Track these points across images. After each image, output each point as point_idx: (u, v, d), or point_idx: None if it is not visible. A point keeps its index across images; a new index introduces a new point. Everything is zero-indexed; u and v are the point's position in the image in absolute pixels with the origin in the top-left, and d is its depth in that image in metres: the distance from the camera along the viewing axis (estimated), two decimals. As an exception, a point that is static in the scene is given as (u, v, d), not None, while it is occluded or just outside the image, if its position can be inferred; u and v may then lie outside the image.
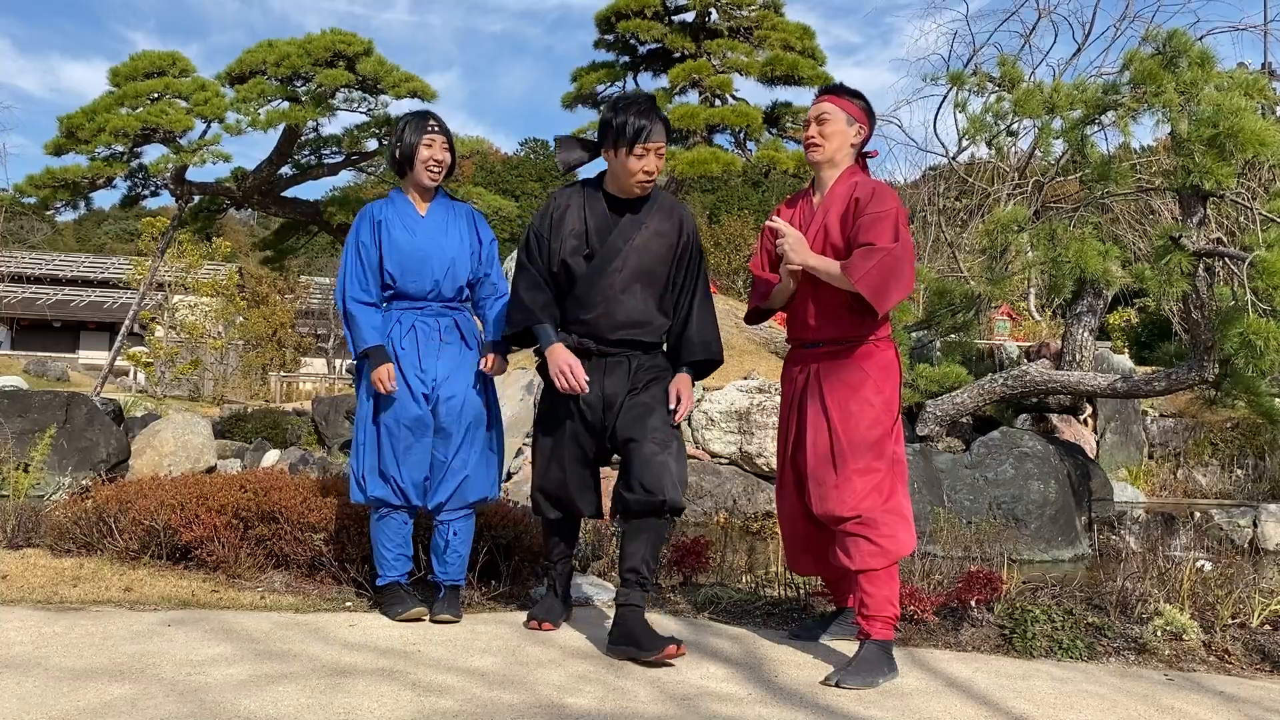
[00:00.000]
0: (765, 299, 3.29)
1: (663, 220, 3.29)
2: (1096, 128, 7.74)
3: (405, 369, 3.44)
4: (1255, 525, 7.59)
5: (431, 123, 3.58)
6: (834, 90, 3.25)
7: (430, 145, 3.55)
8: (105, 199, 65.88)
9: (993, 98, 8.61)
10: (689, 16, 16.07)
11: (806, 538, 3.23)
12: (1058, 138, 7.94)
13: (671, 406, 3.25)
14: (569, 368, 3.15)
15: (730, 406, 8.84)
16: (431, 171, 3.57)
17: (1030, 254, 7.93)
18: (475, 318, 3.71)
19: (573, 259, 3.25)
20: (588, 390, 3.16)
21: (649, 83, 16.68)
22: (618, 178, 3.22)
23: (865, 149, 3.26)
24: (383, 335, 3.46)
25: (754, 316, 3.44)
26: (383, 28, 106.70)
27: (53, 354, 26.85)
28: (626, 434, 3.17)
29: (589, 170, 3.54)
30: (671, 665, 2.95)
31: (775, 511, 3.53)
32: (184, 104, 15.21)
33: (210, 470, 9.33)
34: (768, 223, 3.23)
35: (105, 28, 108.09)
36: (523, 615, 3.52)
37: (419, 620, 3.40)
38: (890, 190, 3.18)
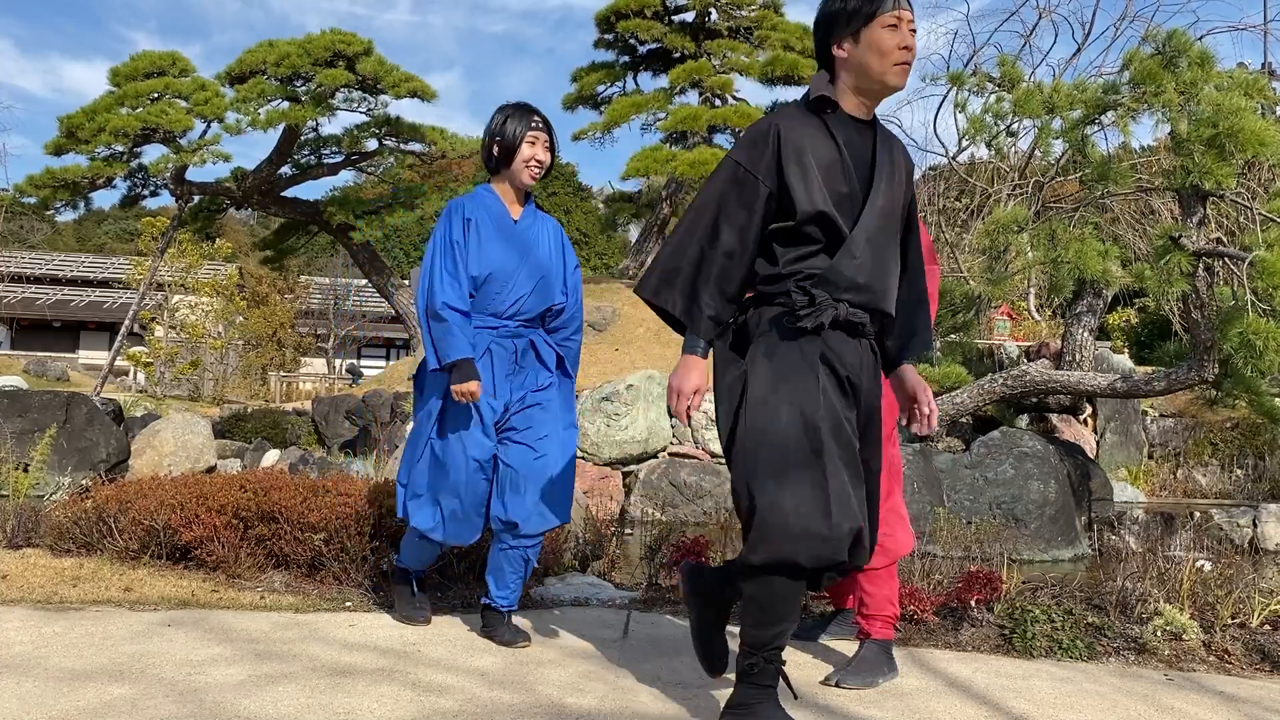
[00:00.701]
0: None
1: (895, 148, 2.47)
2: (1096, 128, 7.74)
3: (480, 407, 3.11)
4: (1255, 525, 7.60)
5: (536, 119, 3.26)
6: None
7: (534, 143, 3.23)
8: (105, 199, 65.97)
9: (993, 98, 8.62)
10: (689, 16, 16.10)
11: None
12: (1058, 138, 7.95)
13: (926, 411, 2.53)
14: (697, 399, 2.34)
15: (730, 406, 8.85)
16: (533, 171, 3.24)
17: (1030, 254, 7.93)
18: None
19: (834, 204, 2.32)
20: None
21: (649, 83, 16.71)
22: (866, 72, 2.32)
23: None
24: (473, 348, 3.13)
25: None
26: (384, 28, 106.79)
27: (53, 354, 26.87)
28: (861, 455, 2.39)
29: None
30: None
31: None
32: (184, 104, 15.25)
33: (210, 470, 9.33)
34: None
35: (106, 28, 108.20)
36: (523, 615, 3.52)
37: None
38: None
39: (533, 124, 3.23)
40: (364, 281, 25.32)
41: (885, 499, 3.01)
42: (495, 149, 3.24)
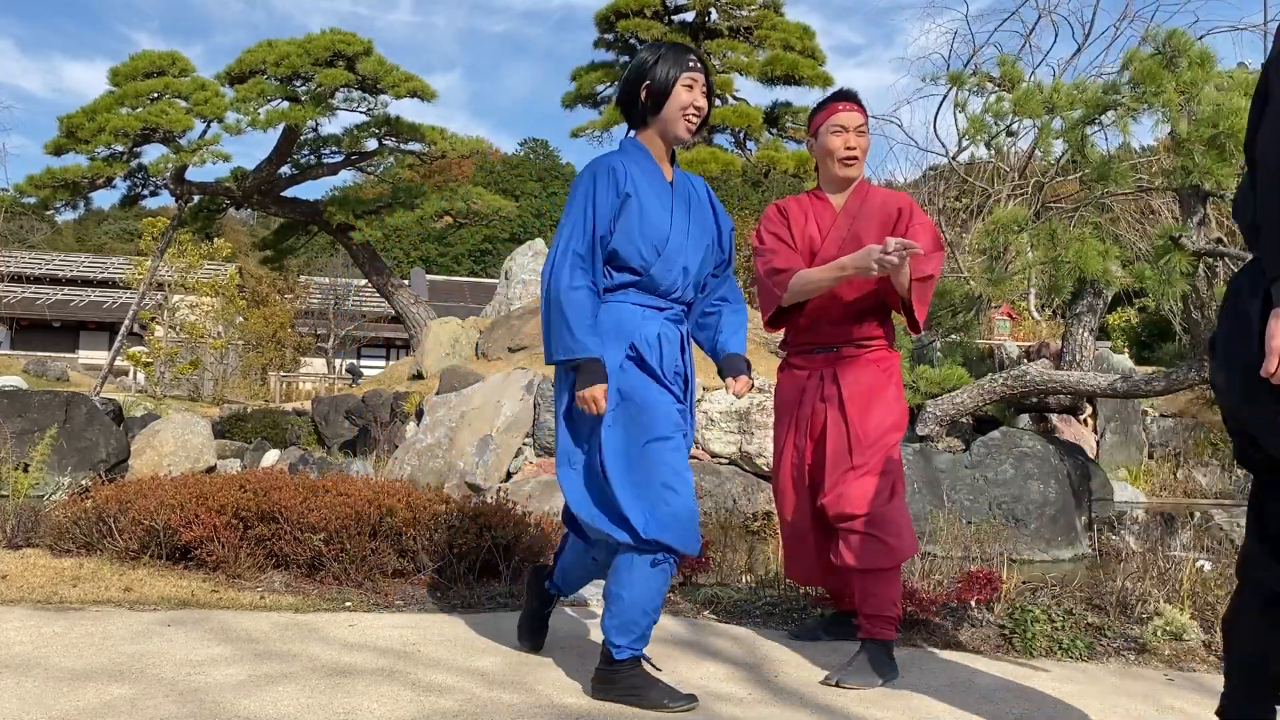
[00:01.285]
0: (784, 289, 3.06)
1: None
2: (1096, 128, 7.74)
3: (664, 391, 2.68)
4: (1255, 525, 7.58)
5: (692, 58, 2.75)
6: (858, 100, 3.19)
7: (691, 86, 2.71)
8: (105, 199, 65.94)
9: (993, 98, 8.62)
10: (689, 16, 16.12)
11: (816, 547, 3.22)
12: (1058, 138, 7.94)
13: None
14: None
15: (730, 406, 8.84)
16: (690, 121, 2.75)
17: (1030, 254, 7.93)
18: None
19: None
20: None
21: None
22: None
23: None
24: (601, 343, 2.61)
25: (778, 317, 3.18)
26: (386, 28, 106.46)
27: (52, 354, 26.84)
28: None
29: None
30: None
31: (775, 512, 3.50)
32: (184, 104, 15.25)
33: (210, 470, 9.33)
34: (895, 241, 2.79)
35: (108, 28, 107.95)
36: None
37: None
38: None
39: (689, 64, 2.74)
40: (364, 281, 25.31)
41: (893, 497, 3.02)
42: (643, 95, 2.74)
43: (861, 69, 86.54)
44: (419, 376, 12.51)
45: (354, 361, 29.74)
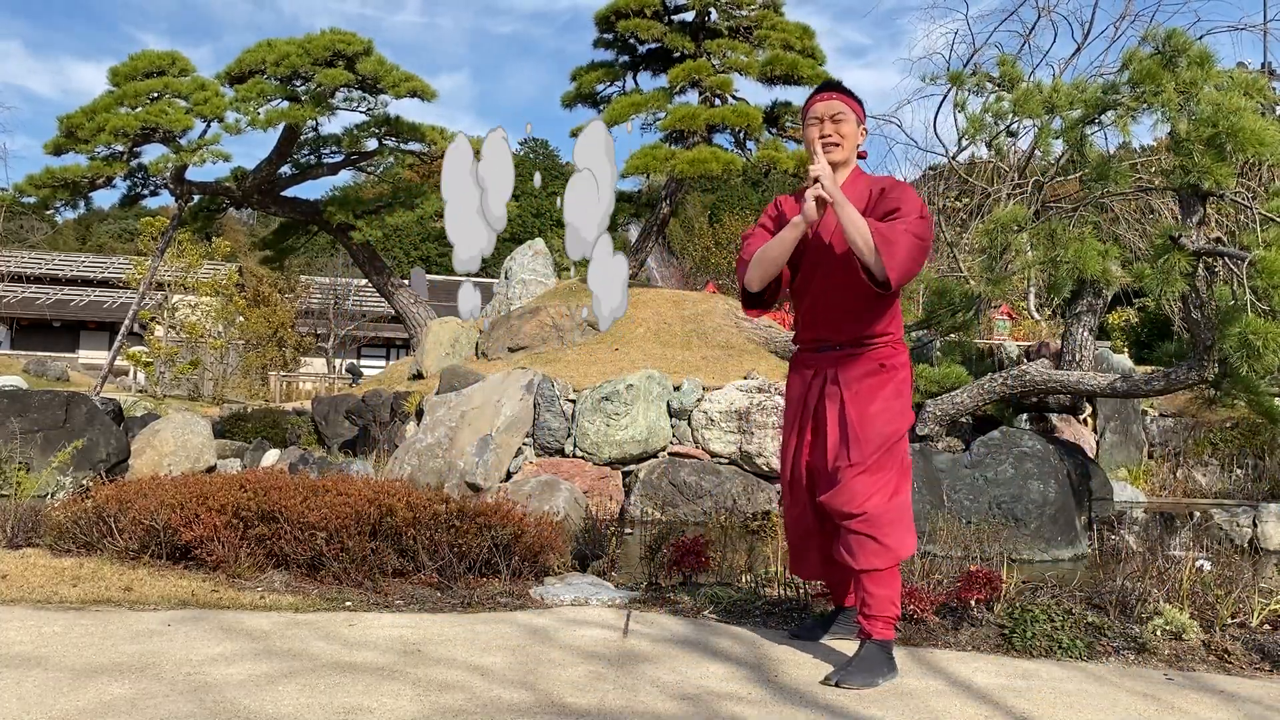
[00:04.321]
0: (750, 260, 3.15)
1: None
2: (1096, 127, 7.73)
3: None
4: (1255, 525, 7.59)
5: None
6: (842, 89, 3.23)
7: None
8: (105, 198, 65.84)
9: (992, 97, 8.61)
10: (689, 16, 16.09)
11: (819, 544, 3.22)
12: (1057, 137, 7.93)
13: None
14: None
15: (730, 406, 8.84)
16: None
17: (1030, 254, 7.92)
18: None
19: None
20: None
21: (649, 82, 16.70)
22: None
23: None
24: None
25: (752, 299, 3.27)
26: (393, 29, 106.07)
27: (52, 354, 26.84)
28: None
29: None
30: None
31: (776, 511, 3.51)
32: (183, 103, 15.24)
33: (210, 470, 9.33)
34: (810, 167, 3.03)
35: (115, 30, 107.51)
36: (523, 615, 3.51)
37: None
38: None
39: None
40: (364, 281, 25.27)
41: (893, 496, 3.01)
42: None
43: (867, 69, 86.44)
44: (419, 376, 12.51)
45: (354, 361, 29.73)
